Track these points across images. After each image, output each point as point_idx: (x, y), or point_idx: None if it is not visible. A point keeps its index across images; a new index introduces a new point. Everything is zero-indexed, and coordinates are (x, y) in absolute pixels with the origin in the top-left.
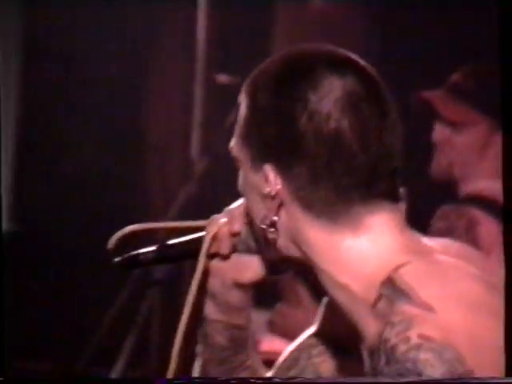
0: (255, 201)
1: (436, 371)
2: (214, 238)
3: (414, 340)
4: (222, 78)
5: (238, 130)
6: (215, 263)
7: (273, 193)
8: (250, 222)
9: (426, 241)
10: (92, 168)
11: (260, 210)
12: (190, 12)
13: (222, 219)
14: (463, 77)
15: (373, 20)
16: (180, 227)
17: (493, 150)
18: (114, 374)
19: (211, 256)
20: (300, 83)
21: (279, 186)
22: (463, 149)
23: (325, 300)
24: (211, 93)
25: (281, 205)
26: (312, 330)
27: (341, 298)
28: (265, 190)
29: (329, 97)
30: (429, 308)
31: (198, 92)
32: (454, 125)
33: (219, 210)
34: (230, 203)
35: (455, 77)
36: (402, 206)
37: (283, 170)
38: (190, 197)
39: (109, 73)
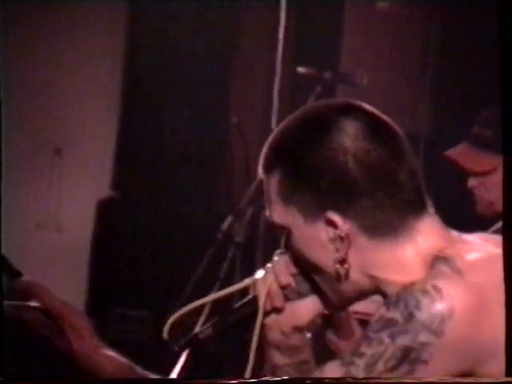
0: (315, 249)
1: (419, 314)
2: (267, 296)
3: (428, 286)
4: (301, 70)
5: (275, 200)
6: (272, 318)
7: (343, 234)
8: (303, 270)
9: (466, 236)
10: (185, 144)
11: (325, 255)
12: (271, 12)
13: (267, 277)
14: (480, 127)
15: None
16: (225, 295)
17: None
18: (199, 323)
19: (267, 313)
20: (326, 133)
21: (348, 226)
22: (497, 188)
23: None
24: (289, 83)
25: (350, 242)
26: None
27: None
28: (329, 236)
29: (356, 136)
30: (458, 271)
31: (277, 82)
32: (482, 174)
33: None
34: None
35: (474, 129)
36: (433, 210)
37: (346, 210)
38: None
39: (200, 63)
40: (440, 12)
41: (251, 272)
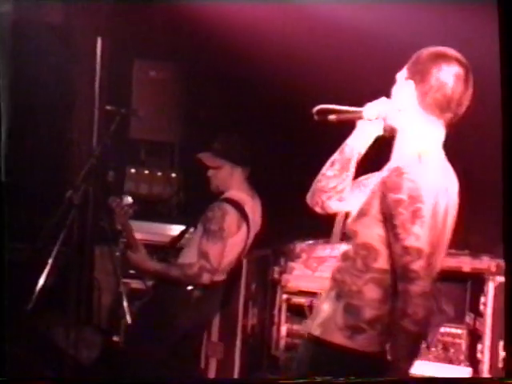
0: None
1: None
2: None
3: None
4: (109, 107)
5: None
6: None
7: None
8: None
9: None
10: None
11: None
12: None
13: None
14: (216, 143)
15: None
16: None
17: (235, 178)
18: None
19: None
20: None
21: None
22: (221, 178)
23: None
24: (101, 114)
25: None
26: None
27: None
28: None
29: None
30: None
31: (96, 114)
32: (213, 169)
33: None
34: None
35: (213, 144)
36: None
37: None
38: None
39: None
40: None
41: (85, 220)
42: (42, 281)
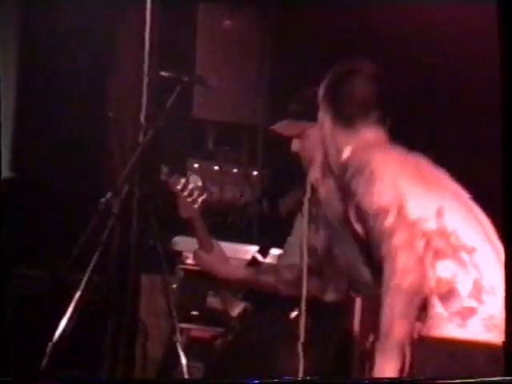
0: None
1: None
2: None
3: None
4: (164, 73)
5: None
6: None
7: None
8: None
9: None
10: (72, 136)
11: None
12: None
13: None
14: (294, 105)
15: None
16: None
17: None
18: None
19: None
20: None
21: None
22: (309, 147)
23: None
24: (153, 83)
25: None
26: None
27: None
28: None
29: None
30: None
31: (145, 84)
32: (296, 138)
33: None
34: None
35: (290, 107)
36: None
37: None
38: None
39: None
40: (272, 27)
41: (127, 237)
42: (63, 323)
